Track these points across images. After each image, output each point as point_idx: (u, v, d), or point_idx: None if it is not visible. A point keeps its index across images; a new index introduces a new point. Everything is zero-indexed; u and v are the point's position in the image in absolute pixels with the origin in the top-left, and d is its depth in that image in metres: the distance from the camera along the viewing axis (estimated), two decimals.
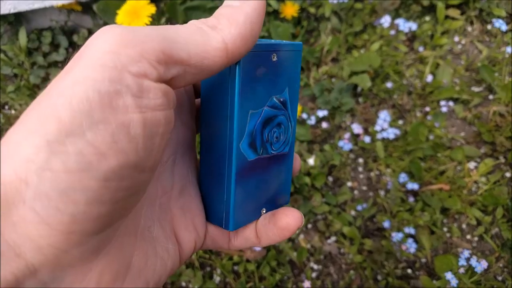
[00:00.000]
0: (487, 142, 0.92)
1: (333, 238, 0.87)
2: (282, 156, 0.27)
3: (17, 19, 1.13)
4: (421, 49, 1.05)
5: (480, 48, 1.05)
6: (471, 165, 0.92)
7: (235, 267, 0.84)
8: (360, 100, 1.01)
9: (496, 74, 0.99)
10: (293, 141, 0.27)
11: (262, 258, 0.83)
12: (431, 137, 0.94)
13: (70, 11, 1.12)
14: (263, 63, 0.24)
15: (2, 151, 0.15)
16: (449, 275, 0.77)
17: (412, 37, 1.08)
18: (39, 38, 1.13)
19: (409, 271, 0.83)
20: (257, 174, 0.25)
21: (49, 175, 0.14)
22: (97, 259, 0.17)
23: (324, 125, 0.96)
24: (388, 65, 1.02)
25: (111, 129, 0.15)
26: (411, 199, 0.88)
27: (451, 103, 0.98)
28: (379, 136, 0.93)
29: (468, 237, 0.86)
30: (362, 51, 1.05)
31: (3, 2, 1.04)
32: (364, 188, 0.92)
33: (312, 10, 1.06)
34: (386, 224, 0.84)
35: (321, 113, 0.96)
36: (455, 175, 0.90)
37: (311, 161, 0.91)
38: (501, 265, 0.82)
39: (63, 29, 1.15)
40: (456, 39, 1.07)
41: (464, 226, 0.87)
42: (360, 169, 0.94)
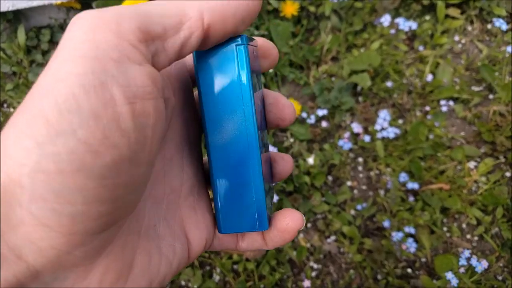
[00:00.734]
0: (487, 141, 0.92)
1: (332, 238, 0.87)
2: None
3: (15, 17, 1.12)
4: (421, 48, 1.05)
5: (480, 47, 1.05)
6: (471, 164, 0.92)
7: (235, 266, 0.84)
8: (360, 99, 1.01)
9: (496, 73, 0.99)
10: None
11: (261, 257, 0.83)
12: (431, 137, 0.94)
13: (69, 9, 1.11)
14: (252, 57, 0.23)
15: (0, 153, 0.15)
16: (449, 275, 0.77)
17: (412, 36, 1.08)
18: (37, 36, 1.13)
19: (409, 270, 0.83)
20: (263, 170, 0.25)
21: (42, 177, 0.14)
22: (99, 258, 0.17)
23: (324, 124, 0.96)
24: (388, 64, 1.01)
25: (101, 125, 0.15)
26: (411, 198, 0.88)
27: (451, 102, 0.98)
28: (379, 135, 0.93)
29: (468, 236, 0.86)
30: (362, 50, 1.05)
31: (2, 0, 1.03)
32: (364, 187, 0.92)
33: (312, 8, 1.06)
34: (386, 224, 0.84)
35: (321, 112, 0.96)
36: (455, 175, 0.90)
37: (310, 160, 0.91)
38: (501, 264, 0.82)
39: (62, 27, 1.15)
40: (456, 38, 1.07)
41: (464, 225, 0.87)
42: (360, 168, 0.94)
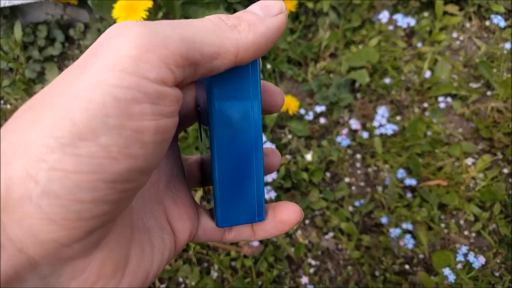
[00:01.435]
0: (485, 138, 0.92)
1: (330, 234, 0.87)
2: None
3: (12, 13, 1.12)
4: (419, 45, 1.04)
5: (478, 44, 1.05)
6: (469, 161, 0.92)
7: (233, 263, 0.84)
8: (358, 95, 1.01)
9: (495, 70, 0.99)
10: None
11: (259, 253, 0.83)
12: (429, 133, 0.94)
13: (66, 4, 1.11)
14: None
15: (16, 148, 0.15)
16: (446, 271, 0.77)
17: (410, 33, 1.08)
18: (34, 32, 1.12)
19: (406, 267, 0.83)
20: None
21: (59, 174, 0.15)
22: (96, 251, 0.18)
23: (322, 120, 0.96)
24: (386, 60, 1.01)
25: (125, 135, 0.16)
26: (409, 195, 0.88)
27: (449, 99, 0.98)
28: (377, 131, 0.93)
29: (466, 233, 0.86)
30: (360, 46, 1.05)
31: None
32: (362, 184, 0.92)
33: (310, 5, 1.06)
34: (384, 220, 0.84)
35: (319, 109, 0.95)
36: (453, 171, 0.90)
37: (308, 156, 0.91)
38: (498, 261, 0.82)
39: (59, 23, 1.14)
40: (455, 35, 1.07)
41: (461, 222, 0.87)
42: (358, 164, 0.94)
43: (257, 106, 0.24)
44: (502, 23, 1.03)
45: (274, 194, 0.84)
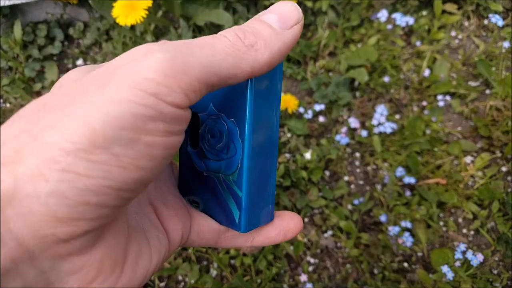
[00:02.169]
0: (484, 136, 0.92)
1: (329, 232, 0.87)
2: None
3: (12, 12, 1.12)
4: (418, 43, 1.05)
5: (477, 42, 1.05)
6: (468, 159, 0.92)
7: (232, 261, 0.84)
8: (357, 94, 1.01)
9: (493, 68, 0.99)
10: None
11: (258, 252, 0.83)
12: (428, 132, 0.94)
13: (65, 4, 1.11)
14: None
15: (31, 149, 0.16)
16: (445, 269, 0.77)
17: (409, 32, 1.08)
18: (34, 31, 1.13)
19: (405, 264, 0.83)
20: None
21: (70, 176, 0.16)
22: (94, 248, 0.18)
23: (321, 119, 0.96)
24: (385, 59, 1.02)
25: (137, 148, 0.17)
26: (407, 193, 0.88)
27: (448, 97, 0.98)
28: (376, 130, 0.93)
29: (464, 231, 0.86)
30: (359, 45, 1.05)
31: None
32: (361, 182, 0.93)
33: (309, 4, 1.06)
34: (382, 218, 0.84)
35: (318, 107, 0.96)
36: (452, 169, 0.90)
37: (308, 155, 0.91)
38: (496, 258, 0.82)
39: (58, 22, 1.14)
40: (453, 33, 1.07)
41: (460, 220, 0.87)
42: (357, 163, 0.94)
43: (278, 103, 0.24)
44: (501, 22, 1.03)
45: None
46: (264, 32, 0.21)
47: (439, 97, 0.98)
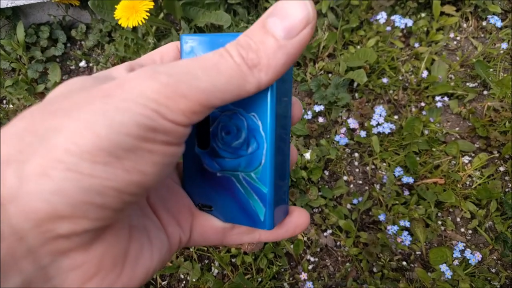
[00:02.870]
0: (482, 136, 0.93)
1: (329, 231, 0.88)
2: None
3: (15, 14, 1.13)
4: (416, 45, 1.06)
5: (475, 44, 1.06)
6: (466, 159, 0.93)
7: (233, 260, 0.85)
8: (356, 95, 1.02)
9: (491, 70, 1.00)
10: None
11: (259, 250, 0.84)
12: (426, 132, 0.95)
13: (68, 5, 1.12)
14: None
15: (37, 150, 0.16)
16: (443, 267, 0.78)
17: (408, 33, 1.09)
18: (36, 33, 1.14)
19: (404, 263, 0.84)
20: None
21: (74, 176, 0.16)
22: (94, 245, 0.18)
23: (321, 120, 0.97)
24: (384, 60, 1.03)
25: (139, 153, 0.17)
26: (406, 192, 0.89)
27: (446, 98, 0.99)
28: (375, 130, 0.94)
29: (462, 230, 0.87)
30: (358, 47, 1.06)
31: None
32: (360, 182, 0.93)
33: None
34: (381, 217, 0.85)
35: (318, 108, 0.97)
36: (450, 169, 0.91)
37: (307, 155, 0.92)
38: (494, 257, 0.83)
39: (61, 24, 1.16)
40: (452, 35, 1.08)
41: (458, 219, 0.88)
42: (356, 163, 0.95)
43: (290, 90, 0.24)
44: (499, 23, 1.04)
45: None
46: (267, 46, 0.19)
47: (437, 98, 0.99)
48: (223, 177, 0.25)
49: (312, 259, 0.86)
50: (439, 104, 0.98)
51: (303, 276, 0.82)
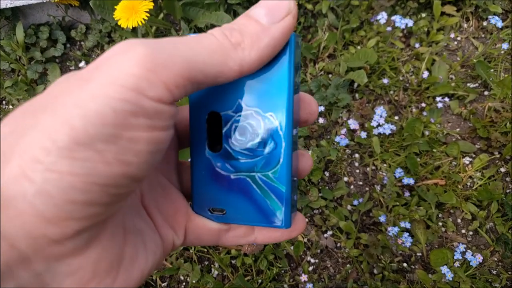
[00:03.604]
0: (482, 137, 0.93)
1: (329, 232, 0.88)
2: None
3: (14, 14, 1.13)
4: (417, 45, 1.05)
5: (476, 44, 1.06)
6: (466, 160, 0.93)
7: (233, 261, 0.85)
8: (357, 96, 1.02)
9: (492, 70, 1.00)
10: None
11: (259, 252, 0.84)
12: (426, 133, 0.95)
13: (67, 6, 1.12)
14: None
15: (14, 149, 0.16)
16: (444, 269, 0.78)
17: (408, 34, 1.09)
18: (36, 33, 1.13)
19: (405, 265, 0.84)
20: None
21: (54, 176, 0.15)
22: (89, 250, 0.18)
23: (321, 120, 0.97)
24: (384, 61, 1.02)
25: (120, 143, 0.16)
26: (406, 193, 0.89)
27: (446, 99, 0.99)
28: (375, 131, 0.93)
29: (463, 231, 0.87)
30: (358, 47, 1.06)
31: None
32: (360, 183, 0.93)
33: (309, 6, 1.07)
34: (382, 219, 0.85)
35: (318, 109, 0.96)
36: (451, 170, 0.91)
37: None
38: (495, 259, 0.83)
39: (60, 25, 1.15)
40: (452, 35, 1.08)
41: (459, 220, 0.88)
42: (356, 164, 0.95)
43: (299, 99, 0.24)
44: (500, 24, 1.03)
45: None
46: (251, 28, 0.20)
47: (438, 98, 0.98)
48: (237, 179, 0.24)
49: (312, 260, 0.86)
50: (439, 105, 0.98)
51: (304, 277, 0.81)
